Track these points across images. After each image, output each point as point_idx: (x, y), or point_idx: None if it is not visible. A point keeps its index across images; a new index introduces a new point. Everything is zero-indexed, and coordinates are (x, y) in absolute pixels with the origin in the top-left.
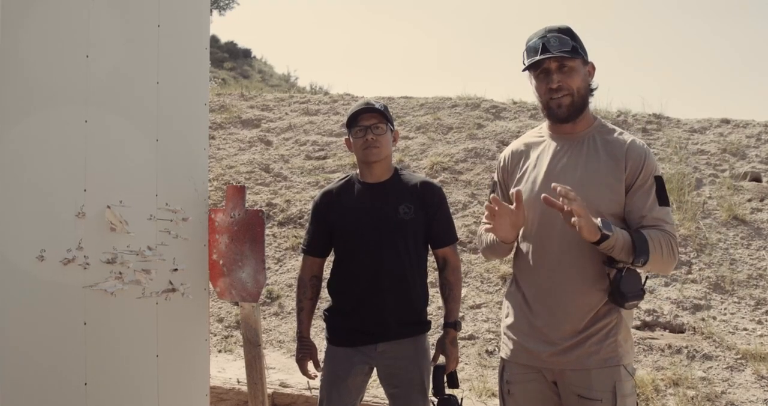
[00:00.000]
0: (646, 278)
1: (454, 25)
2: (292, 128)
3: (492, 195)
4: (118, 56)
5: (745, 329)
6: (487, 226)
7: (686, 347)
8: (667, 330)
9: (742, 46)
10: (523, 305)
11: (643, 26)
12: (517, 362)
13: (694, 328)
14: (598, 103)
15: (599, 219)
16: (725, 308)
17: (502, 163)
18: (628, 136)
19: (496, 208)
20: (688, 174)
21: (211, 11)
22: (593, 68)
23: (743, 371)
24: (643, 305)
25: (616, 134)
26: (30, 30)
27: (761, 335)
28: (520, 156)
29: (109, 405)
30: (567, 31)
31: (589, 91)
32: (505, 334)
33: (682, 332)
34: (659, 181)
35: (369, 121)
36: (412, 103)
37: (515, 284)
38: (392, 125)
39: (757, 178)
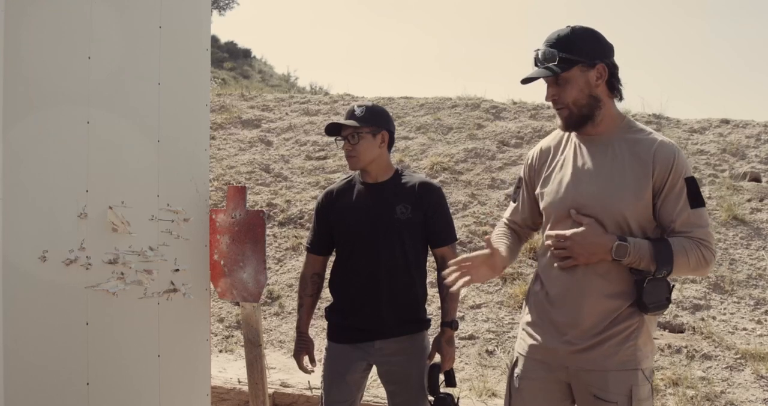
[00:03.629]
0: (672, 286)
1: (454, 25)
2: (293, 128)
3: (458, 259)
4: (120, 57)
5: (744, 329)
6: (464, 280)
7: (686, 347)
8: (667, 330)
9: (742, 46)
10: (545, 303)
11: (643, 26)
12: (533, 357)
13: (693, 328)
14: None
15: (616, 242)
16: (725, 308)
17: (529, 161)
18: (656, 137)
19: (469, 263)
20: None
21: (211, 11)
22: (604, 69)
23: (743, 370)
24: None
25: (644, 135)
26: (32, 31)
27: (761, 335)
28: (548, 155)
29: (111, 405)
30: (561, 40)
31: (597, 96)
32: (524, 329)
33: (682, 332)
34: (691, 182)
35: (346, 130)
36: (412, 103)
37: (539, 283)
38: (378, 126)
39: (756, 179)
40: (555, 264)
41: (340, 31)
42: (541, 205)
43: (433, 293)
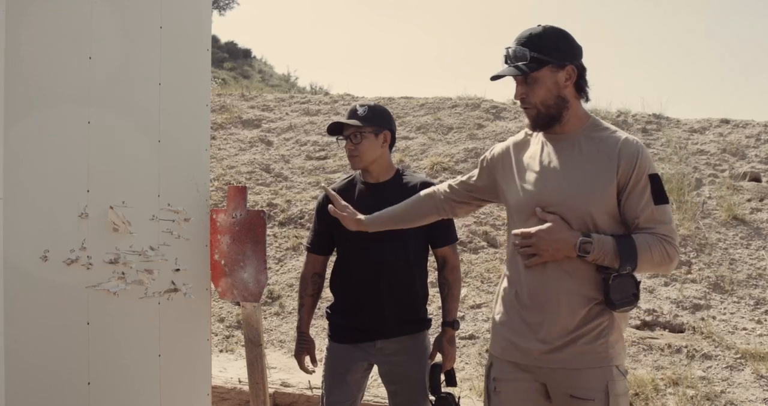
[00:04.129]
0: (639, 282)
1: (454, 25)
2: (293, 128)
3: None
4: (121, 57)
5: (744, 329)
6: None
7: (686, 347)
8: (667, 330)
9: (742, 46)
10: (515, 302)
11: (643, 26)
12: (508, 359)
13: (693, 327)
14: (597, 103)
15: (581, 238)
16: (725, 308)
17: (494, 154)
18: (621, 135)
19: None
20: (688, 174)
21: (211, 11)
22: (573, 70)
23: (743, 370)
24: (643, 304)
25: (608, 133)
26: (32, 31)
27: (760, 335)
28: (514, 154)
29: (112, 405)
30: (533, 40)
31: (564, 97)
32: (495, 330)
33: (682, 332)
34: (654, 179)
35: (349, 129)
36: (412, 103)
37: (508, 282)
38: (380, 126)
39: (756, 178)
40: (522, 263)
41: (340, 31)
42: (508, 204)
43: (434, 293)
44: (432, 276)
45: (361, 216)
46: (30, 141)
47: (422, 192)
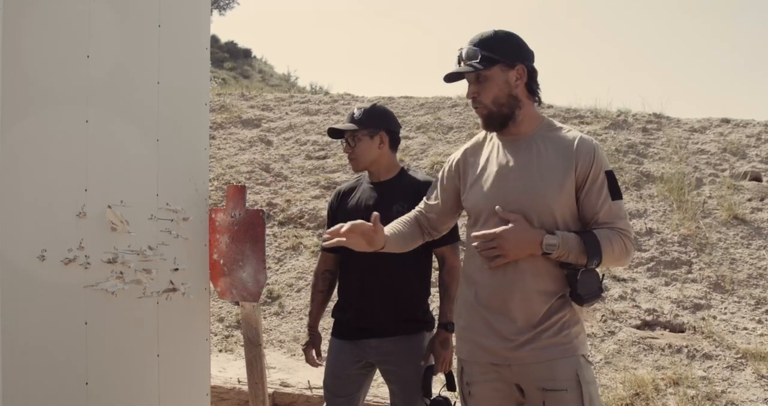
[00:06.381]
0: (603, 275)
1: (454, 24)
2: (293, 128)
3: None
4: (119, 56)
5: (745, 329)
6: (337, 239)
7: (686, 347)
8: (668, 330)
9: (742, 46)
10: (476, 305)
11: (643, 26)
12: (477, 361)
13: (694, 327)
14: (598, 102)
15: (546, 236)
16: (725, 308)
17: (453, 164)
18: (576, 133)
19: (346, 229)
20: (688, 174)
21: (211, 11)
22: (524, 70)
23: (743, 370)
24: (644, 304)
25: (563, 132)
26: (31, 30)
27: (761, 335)
28: (471, 159)
29: (111, 404)
30: (484, 41)
31: (516, 96)
32: (459, 334)
33: (683, 332)
34: (610, 175)
35: (346, 133)
36: (412, 102)
37: (466, 284)
38: (376, 127)
39: (757, 178)
40: (485, 265)
41: (340, 31)
42: (467, 206)
43: (436, 293)
44: (434, 276)
45: (387, 234)
46: (28, 140)
47: (407, 222)
